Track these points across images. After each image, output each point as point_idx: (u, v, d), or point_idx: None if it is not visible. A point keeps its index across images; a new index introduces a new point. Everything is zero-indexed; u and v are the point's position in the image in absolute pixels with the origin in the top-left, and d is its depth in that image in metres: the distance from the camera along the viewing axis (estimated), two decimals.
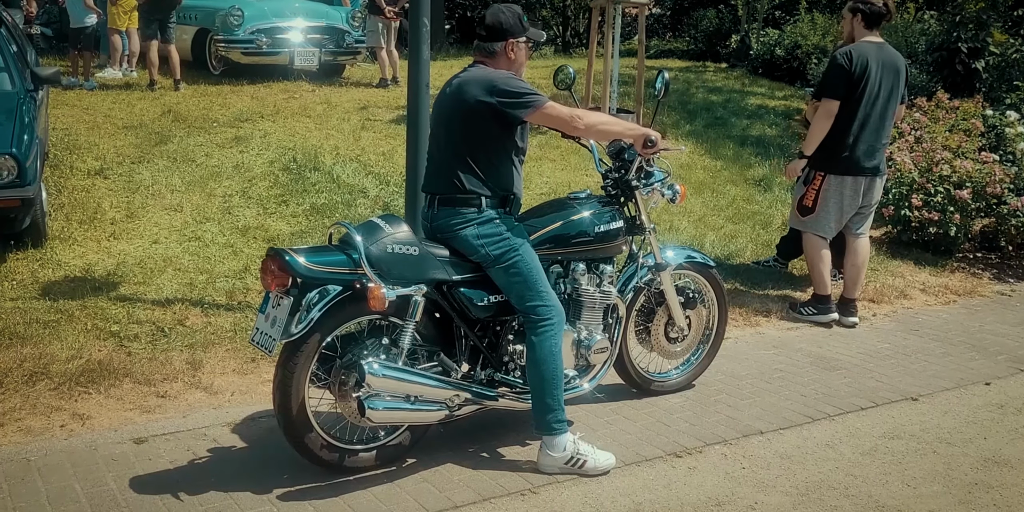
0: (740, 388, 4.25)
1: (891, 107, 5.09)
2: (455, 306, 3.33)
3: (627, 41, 13.31)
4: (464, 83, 3.28)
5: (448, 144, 3.32)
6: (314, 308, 3.02)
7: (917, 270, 6.31)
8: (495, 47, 3.34)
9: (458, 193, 3.28)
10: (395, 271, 3.12)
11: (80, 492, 3.06)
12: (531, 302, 3.28)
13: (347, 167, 7.01)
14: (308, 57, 10.53)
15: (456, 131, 3.29)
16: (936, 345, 4.99)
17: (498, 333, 3.49)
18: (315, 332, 3.05)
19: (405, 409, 3.18)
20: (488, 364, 3.47)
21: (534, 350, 3.29)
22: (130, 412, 3.69)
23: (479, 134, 3.27)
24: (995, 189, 6.29)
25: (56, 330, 4.27)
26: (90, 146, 7.02)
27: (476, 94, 3.22)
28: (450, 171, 3.29)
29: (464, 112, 3.25)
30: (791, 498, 3.25)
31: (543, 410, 3.31)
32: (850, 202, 5.14)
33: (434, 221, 3.35)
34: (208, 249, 5.44)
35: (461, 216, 3.28)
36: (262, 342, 3.09)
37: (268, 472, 3.25)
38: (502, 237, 3.28)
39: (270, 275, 3.03)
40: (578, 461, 3.32)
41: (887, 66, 5.02)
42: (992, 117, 7.36)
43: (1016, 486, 3.40)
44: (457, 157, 3.28)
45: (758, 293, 5.61)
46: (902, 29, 11.82)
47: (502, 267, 3.27)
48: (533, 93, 3.26)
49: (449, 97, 3.33)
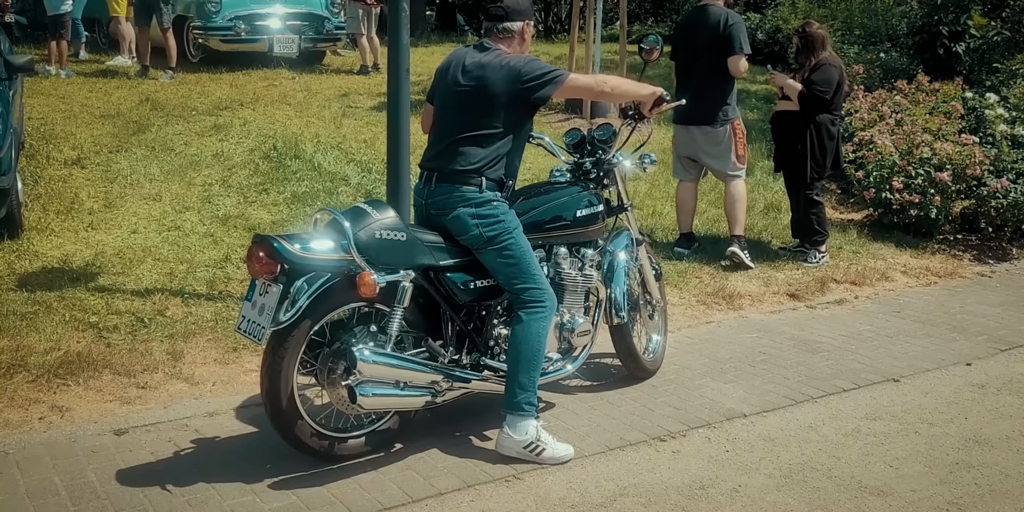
0: (724, 372, 4.26)
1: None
2: (442, 291, 3.33)
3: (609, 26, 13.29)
4: (486, 70, 3.27)
5: (460, 125, 3.31)
6: (303, 296, 2.99)
7: (898, 252, 6.34)
8: (514, 27, 3.36)
9: (459, 172, 3.28)
10: (383, 257, 3.11)
11: (60, 485, 3.04)
12: (523, 285, 3.30)
13: (328, 155, 6.96)
14: (287, 44, 10.43)
15: (472, 114, 3.29)
16: (917, 326, 5.02)
17: (483, 317, 3.49)
18: (304, 320, 3.03)
19: (395, 395, 3.18)
20: (474, 348, 3.47)
21: (521, 330, 3.29)
22: (110, 403, 3.65)
23: (497, 120, 3.28)
24: (975, 171, 6.32)
25: (33, 322, 4.22)
26: (67, 135, 6.93)
27: (503, 83, 3.24)
28: (456, 150, 3.29)
29: (487, 98, 3.26)
30: (774, 480, 3.26)
31: (516, 389, 3.29)
32: None
33: (429, 198, 3.34)
34: (188, 239, 5.39)
35: (460, 194, 3.27)
36: (250, 331, 3.05)
37: (251, 462, 3.23)
38: (498, 219, 3.28)
39: (257, 262, 2.98)
40: (537, 447, 3.28)
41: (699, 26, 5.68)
42: (972, 99, 7.38)
43: (997, 465, 3.43)
44: (467, 138, 3.29)
45: (739, 275, 5.62)
46: (883, 12, 11.84)
47: (495, 249, 3.27)
48: (554, 69, 3.30)
49: (468, 79, 3.30)
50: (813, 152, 5.86)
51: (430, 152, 3.43)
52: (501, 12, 3.35)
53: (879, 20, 11.38)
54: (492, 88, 3.24)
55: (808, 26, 6.06)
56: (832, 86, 5.79)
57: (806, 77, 5.82)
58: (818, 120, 5.81)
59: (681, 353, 4.49)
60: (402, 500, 3.03)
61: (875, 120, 7.06)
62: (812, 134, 5.84)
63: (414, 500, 3.04)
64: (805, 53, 5.92)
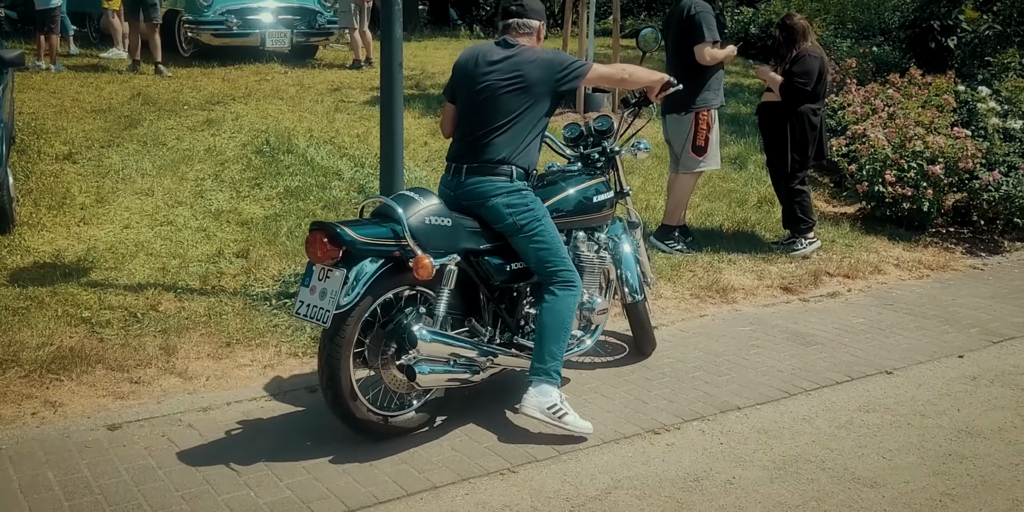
0: (717, 365, 4.27)
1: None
2: (480, 273, 3.49)
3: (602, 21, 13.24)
4: (520, 64, 3.43)
5: (491, 117, 3.44)
6: (362, 279, 3.12)
7: (891, 245, 6.35)
8: (534, 25, 3.56)
9: (491, 163, 3.43)
10: (432, 242, 3.25)
11: (53, 480, 3.03)
12: (554, 268, 3.47)
13: (321, 149, 6.94)
14: (279, 38, 10.39)
15: (503, 107, 3.44)
16: (910, 319, 5.03)
17: (514, 298, 3.66)
18: (361, 303, 3.15)
19: (447, 372, 3.33)
20: (506, 327, 3.63)
21: (555, 303, 3.45)
22: (103, 398, 3.65)
23: (526, 112, 3.45)
24: (967, 164, 6.34)
25: (26, 317, 4.21)
26: (58, 130, 6.90)
27: (537, 76, 3.43)
28: (487, 142, 3.44)
29: (521, 91, 3.43)
30: (768, 472, 3.27)
31: (546, 357, 3.43)
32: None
33: (459, 189, 3.47)
34: (180, 233, 5.37)
35: (492, 184, 3.42)
36: (313, 315, 3.13)
37: (244, 456, 3.23)
38: (528, 207, 3.44)
39: (320, 248, 3.10)
40: (560, 410, 3.39)
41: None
42: (964, 93, 7.40)
43: (989, 456, 3.44)
44: (497, 130, 3.43)
45: (733, 269, 5.63)
46: (875, 6, 11.84)
47: (527, 236, 3.43)
48: (577, 60, 3.55)
49: (499, 74, 3.44)
50: (795, 142, 5.88)
51: (458, 145, 3.55)
52: (523, 10, 3.54)
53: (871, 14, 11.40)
54: (527, 81, 3.42)
55: (789, 18, 6.08)
56: (812, 77, 5.80)
57: (787, 68, 5.83)
58: (799, 111, 5.84)
59: (675, 346, 4.50)
60: (397, 493, 3.03)
61: (868, 114, 7.07)
62: (794, 125, 5.86)
63: (409, 494, 3.04)
64: (787, 45, 5.93)
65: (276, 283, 4.80)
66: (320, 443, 3.36)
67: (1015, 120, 6.96)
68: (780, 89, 5.84)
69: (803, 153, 5.90)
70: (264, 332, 4.29)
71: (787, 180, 5.98)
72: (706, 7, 5.68)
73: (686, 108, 5.69)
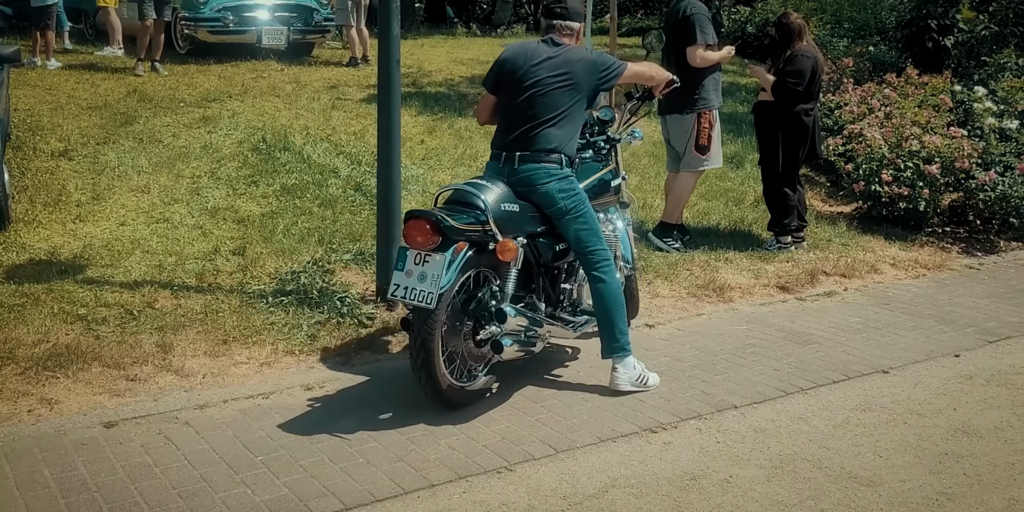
0: (714, 364, 4.28)
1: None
2: (534, 254, 3.80)
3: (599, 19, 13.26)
4: (569, 63, 3.78)
5: (542, 111, 3.77)
6: (455, 262, 3.41)
7: (887, 245, 6.36)
8: (575, 27, 3.91)
9: (543, 152, 3.75)
10: (507, 226, 3.59)
11: (49, 477, 3.02)
12: (593, 247, 3.82)
13: (318, 147, 6.93)
14: (276, 35, 10.35)
15: (554, 101, 3.76)
16: (906, 318, 5.04)
17: (555, 277, 4.00)
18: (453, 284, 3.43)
19: (521, 345, 3.62)
20: (549, 303, 3.97)
21: (607, 285, 3.82)
22: (99, 396, 3.64)
23: (573, 105, 3.80)
24: (963, 164, 6.35)
25: (22, 314, 4.19)
26: (53, 127, 6.87)
27: (585, 74, 3.78)
28: (539, 133, 3.76)
29: (571, 87, 3.77)
30: (765, 471, 3.27)
31: (617, 334, 3.83)
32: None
33: (513, 176, 3.77)
34: (177, 231, 5.36)
35: (546, 171, 3.75)
36: (414, 297, 3.39)
37: (241, 454, 3.23)
38: (575, 192, 3.80)
39: (421, 234, 3.39)
40: (644, 378, 3.89)
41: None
42: (960, 93, 7.41)
43: (985, 455, 3.45)
44: (548, 122, 3.76)
45: (730, 267, 5.63)
46: (872, 6, 11.85)
47: (572, 218, 3.79)
48: (615, 60, 3.90)
49: (551, 71, 3.77)
50: (785, 143, 5.89)
51: (508, 136, 3.82)
52: (566, 13, 3.88)
53: (868, 13, 11.40)
54: (576, 78, 3.77)
55: (786, 16, 6.08)
56: (804, 77, 5.80)
57: (780, 68, 5.84)
58: (793, 111, 5.85)
59: (672, 345, 4.50)
60: (394, 491, 3.03)
61: (864, 113, 7.08)
62: (786, 125, 5.87)
63: (406, 492, 3.03)
64: (782, 43, 5.94)
65: (273, 281, 4.80)
66: (317, 441, 3.35)
67: (1011, 120, 6.98)
68: (772, 89, 5.85)
69: (793, 153, 5.91)
70: (261, 330, 4.29)
71: (776, 180, 5.99)
72: (702, 8, 5.68)
73: (688, 108, 5.70)
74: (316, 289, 4.65)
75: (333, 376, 3.97)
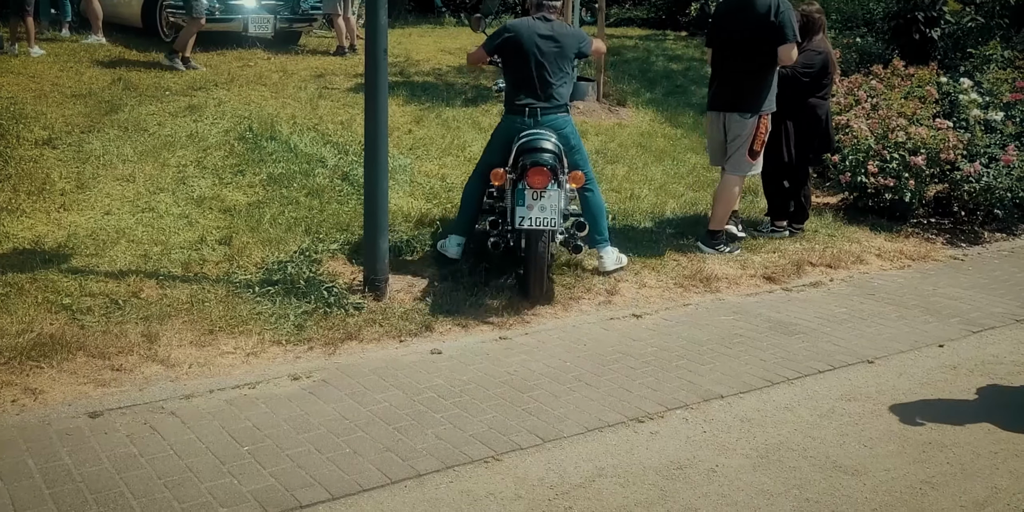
0: (701, 354, 4.29)
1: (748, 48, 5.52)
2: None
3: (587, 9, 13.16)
4: (564, 35, 5.01)
5: (553, 74, 4.95)
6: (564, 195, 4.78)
7: (873, 236, 6.39)
8: (558, 5, 5.10)
9: (558, 105, 4.98)
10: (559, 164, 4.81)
11: (33, 467, 3.00)
12: (586, 169, 5.08)
13: (304, 136, 6.89)
14: (263, 24, 10.26)
15: (560, 66, 4.97)
16: (891, 309, 5.07)
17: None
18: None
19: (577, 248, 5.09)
20: None
21: (593, 197, 5.13)
22: (84, 386, 3.62)
23: (570, 69, 5.06)
24: (949, 155, 6.38)
25: (5, 303, 4.16)
26: (37, 115, 6.80)
27: (575, 44, 5.04)
28: (552, 92, 4.96)
29: (568, 54, 5.00)
30: (751, 460, 3.29)
31: (603, 230, 5.14)
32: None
33: (538, 126, 4.91)
34: (162, 220, 5.32)
35: (564, 119, 5.01)
36: (541, 223, 4.56)
37: (227, 444, 3.22)
38: (576, 131, 5.16)
39: (545, 177, 4.56)
40: (623, 259, 5.25)
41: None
42: (946, 84, 7.44)
43: (968, 444, 3.48)
44: (558, 82, 4.97)
45: (717, 258, 5.65)
46: None
47: (576, 149, 5.07)
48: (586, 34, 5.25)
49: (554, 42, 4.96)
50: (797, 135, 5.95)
51: (529, 93, 4.94)
52: None
53: (855, 5, 11.40)
54: (570, 47, 5.00)
55: (809, 5, 6.07)
56: (814, 69, 5.88)
57: None
58: (806, 103, 5.92)
59: (658, 335, 4.51)
60: (381, 481, 3.03)
61: (851, 104, 7.10)
62: (797, 117, 5.91)
63: (393, 481, 3.04)
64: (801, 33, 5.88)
65: (259, 270, 4.78)
66: (304, 431, 3.35)
67: (996, 112, 7.01)
68: (780, 79, 5.81)
69: (804, 147, 6.01)
70: (247, 319, 4.27)
71: (782, 172, 6.06)
72: (789, 5, 5.47)
73: (752, 110, 5.52)
74: (303, 279, 4.64)
75: (320, 366, 3.96)
